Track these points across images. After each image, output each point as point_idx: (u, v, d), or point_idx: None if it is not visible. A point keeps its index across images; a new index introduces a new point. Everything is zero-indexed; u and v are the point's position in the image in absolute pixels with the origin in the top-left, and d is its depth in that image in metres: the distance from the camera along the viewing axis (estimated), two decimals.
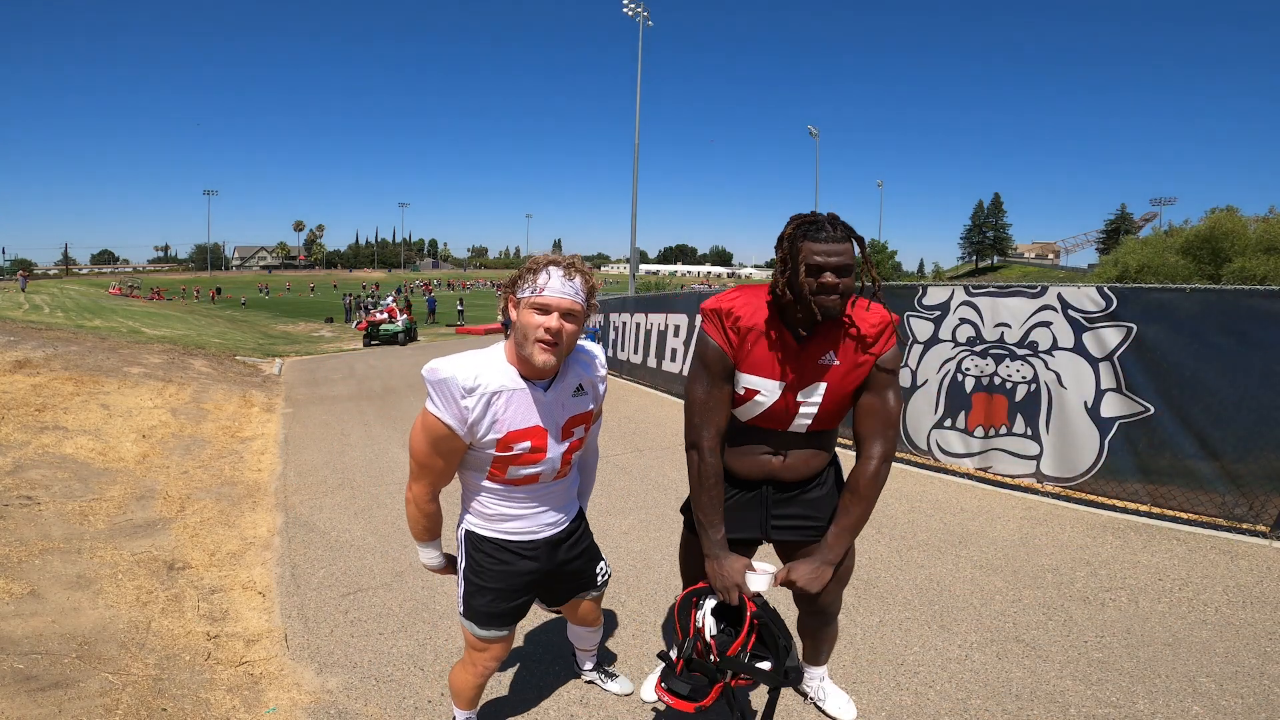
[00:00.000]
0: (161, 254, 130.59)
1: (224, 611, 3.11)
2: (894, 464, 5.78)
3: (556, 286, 1.60)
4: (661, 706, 2.36)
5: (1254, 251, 18.98)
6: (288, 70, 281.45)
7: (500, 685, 2.53)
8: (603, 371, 1.89)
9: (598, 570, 2.09)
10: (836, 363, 1.69)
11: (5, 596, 2.95)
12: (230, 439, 6.55)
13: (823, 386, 1.71)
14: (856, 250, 1.62)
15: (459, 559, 1.92)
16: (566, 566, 1.97)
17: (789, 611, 2.08)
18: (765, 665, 1.70)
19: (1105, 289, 4.69)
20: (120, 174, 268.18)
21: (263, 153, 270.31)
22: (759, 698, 2.41)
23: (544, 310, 1.60)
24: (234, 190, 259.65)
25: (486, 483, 1.79)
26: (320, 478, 5.38)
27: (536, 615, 3.02)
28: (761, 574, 1.74)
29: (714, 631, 1.73)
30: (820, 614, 2.05)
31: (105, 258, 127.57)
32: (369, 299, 31.25)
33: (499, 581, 1.85)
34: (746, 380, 1.74)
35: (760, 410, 1.76)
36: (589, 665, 2.52)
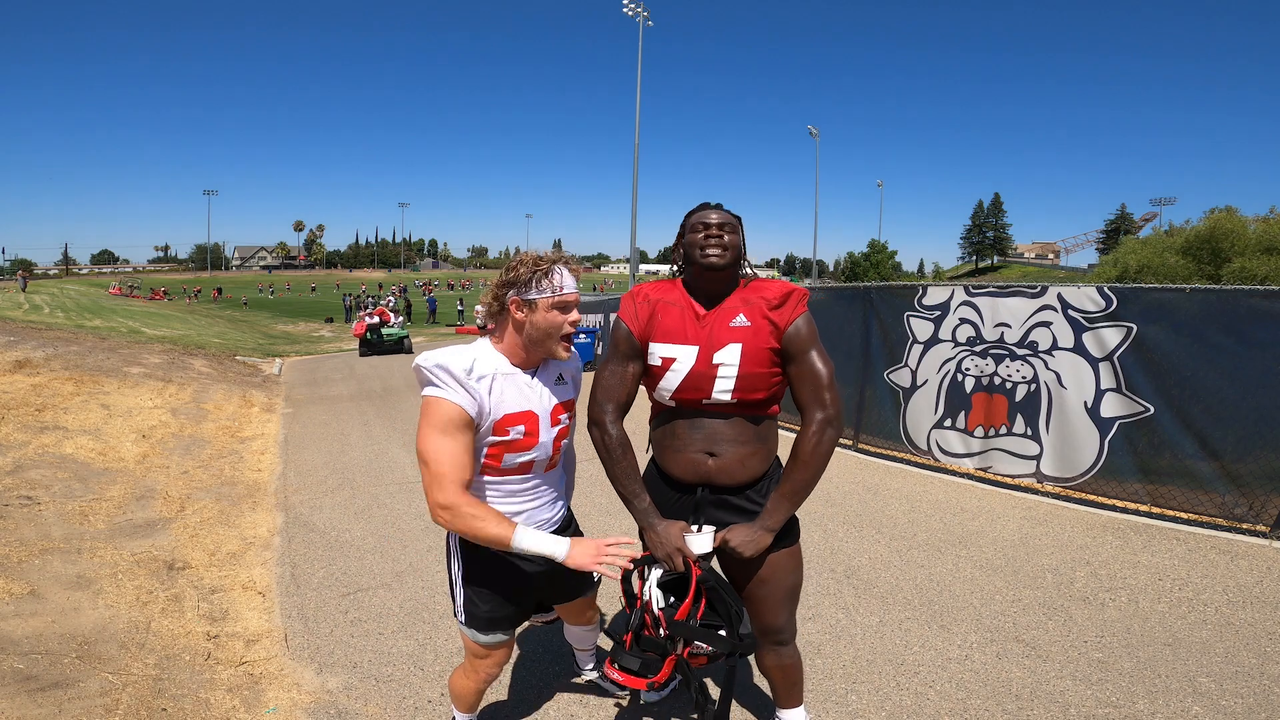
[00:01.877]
0: (161, 254, 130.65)
1: (224, 611, 3.11)
2: (894, 464, 5.87)
3: (570, 284, 1.75)
4: (655, 700, 2.36)
5: (1254, 251, 18.97)
6: (288, 70, 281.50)
7: (500, 686, 2.53)
8: (579, 364, 2.00)
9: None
10: (747, 323, 1.72)
11: (5, 596, 2.95)
12: (230, 439, 6.56)
13: (737, 347, 1.70)
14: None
15: (452, 566, 1.87)
16: (558, 568, 1.83)
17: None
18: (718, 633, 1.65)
19: (1105, 289, 4.70)
20: (120, 174, 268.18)
21: (263, 153, 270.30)
22: (717, 691, 2.41)
23: (566, 308, 1.75)
24: (234, 190, 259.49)
25: (483, 478, 1.78)
26: (320, 478, 5.38)
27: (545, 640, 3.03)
28: (703, 535, 1.70)
29: (661, 604, 1.68)
30: (773, 635, 1.87)
31: (105, 258, 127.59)
32: (369, 299, 31.21)
33: (500, 585, 1.83)
34: (662, 350, 1.75)
35: (680, 378, 1.73)
36: (590, 665, 2.53)
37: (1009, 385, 5.16)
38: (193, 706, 2.35)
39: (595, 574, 2.01)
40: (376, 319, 16.62)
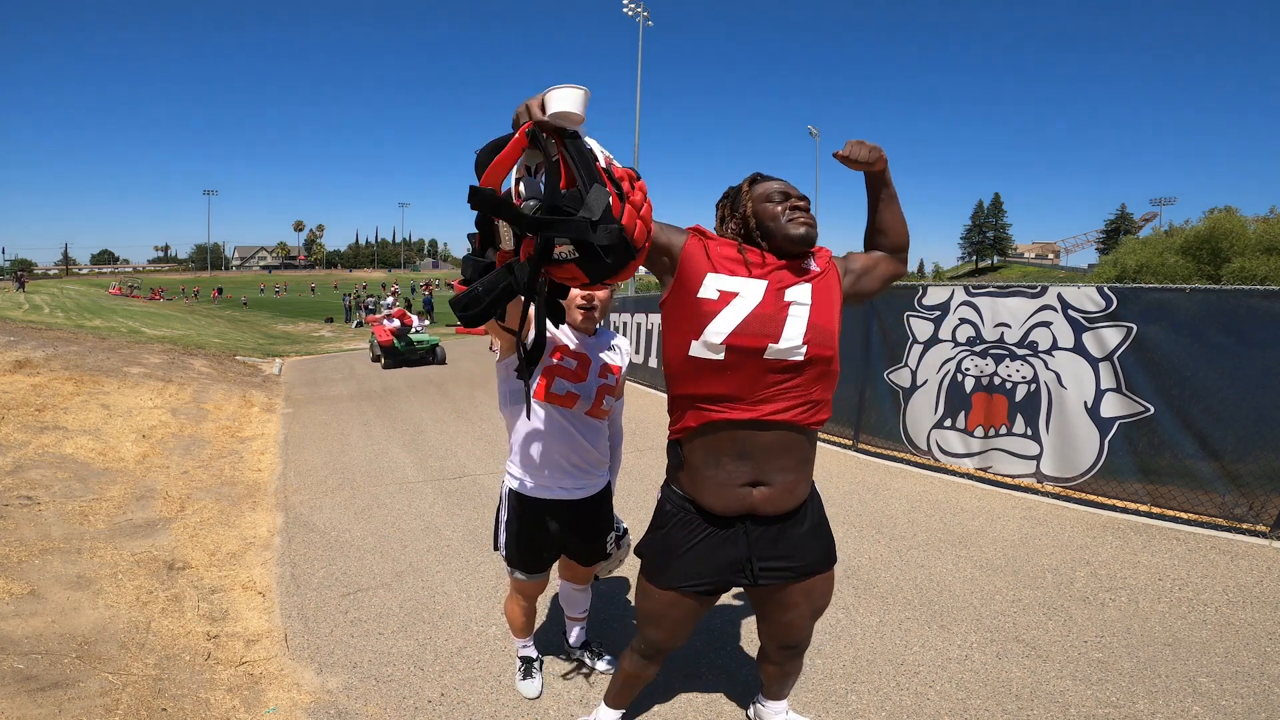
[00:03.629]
0: (161, 254, 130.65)
1: (224, 611, 3.11)
2: (894, 464, 5.88)
3: None
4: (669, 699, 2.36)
5: (1254, 251, 18.98)
6: (288, 70, 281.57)
7: (501, 684, 2.53)
8: (628, 349, 2.33)
9: (607, 540, 2.36)
10: (817, 269, 1.62)
11: (5, 596, 2.95)
12: (230, 439, 6.55)
13: (809, 287, 1.57)
14: None
15: (501, 512, 2.25)
16: (588, 531, 2.26)
17: (751, 642, 2.07)
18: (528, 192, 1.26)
19: (1105, 289, 4.70)
20: (120, 174, 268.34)
21: (263, 153, 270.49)
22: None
23: (588, 294, 2.08)
24: (234, 190, 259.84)
25: (536, 401, 2.08)
26: (320, 478, 5.38)
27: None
28: (568, 88, 1.16)
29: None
30: (791, 649, 1.87)
31: (105, 258, 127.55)
32: (369, 298, 31.15)
33: (535, 536, 2.19)
34: (721, 282, 1.53)
35: (741, 317, 1.49)
36: (578, 640, 2.65)
37: (1009, 385, 5.16)
38: (193, 706, 2.35)
39: (606, 545, 2.35)
40: (397, 322, 13.66)
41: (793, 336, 1.50)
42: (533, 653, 2.55)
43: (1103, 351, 4.67)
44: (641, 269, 1.56)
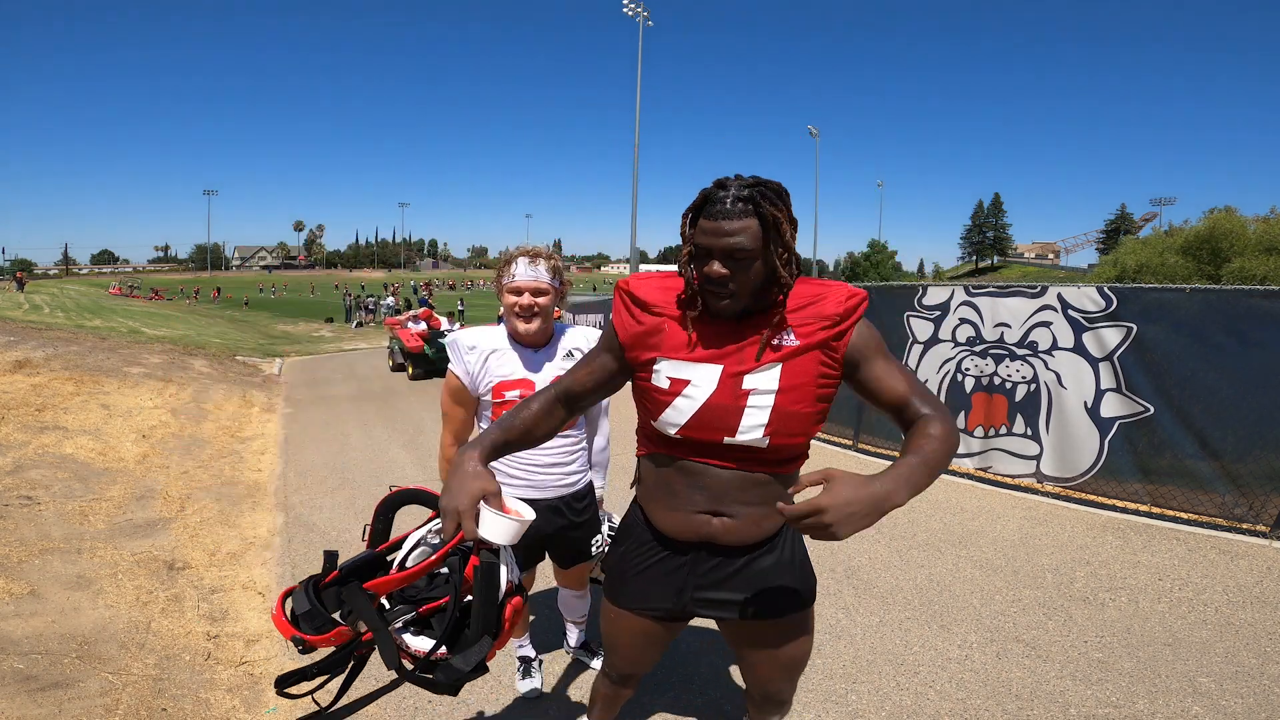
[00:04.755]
0: (161, 254, 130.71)
1: (224, 611, 3.11)
2: None
3: (523, 272, 2.00)
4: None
5: (1254, 251, 18.95)
6: (288, 70, 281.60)
7: (501, 685, 2.53)
8: (594, 337, 2.16)
9: (593, 542, 2.33)
10: (796, 342, 1.26)
11: (5, 596, 2.95)
12: (230, 439, 6.55)
13: (777, 369, 1.26)
14: (766, 225, 1.20)
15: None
16: (567, 533, 2.21)
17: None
18: (419, 641, 1.22)
19: (1105, 289, 4.70)
20: (120, 174, 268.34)
21: (263, 153, 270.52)
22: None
23: (517, 292, 2.00)
24: (234, 190, 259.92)
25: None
26: (320, 478, 5.38)
27: (536, 617, 3.02)
28: (503, 518, 1.14)
29: (406, 558, 1.26)
30: (771, 704, 1.61)
31: (105, 258, 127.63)
32: (369, 298, 31.13)
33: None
34: (671, 369, 1.30)
35: (694, 409, 1.29)
36: (577, 640, 2.66)
37: (1009, 385, 5.16)
38: (193, 706, 2.35)
39: (593, 545, 2.31)
40: (424, 324, 12.19)
41: (751, 429, 1.28)
42: (530, 652, 2.54)
43: (1103, 351, 4.67)
44: (642, 269, 1.51)
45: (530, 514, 1.21)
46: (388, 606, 1.24)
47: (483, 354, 2.04)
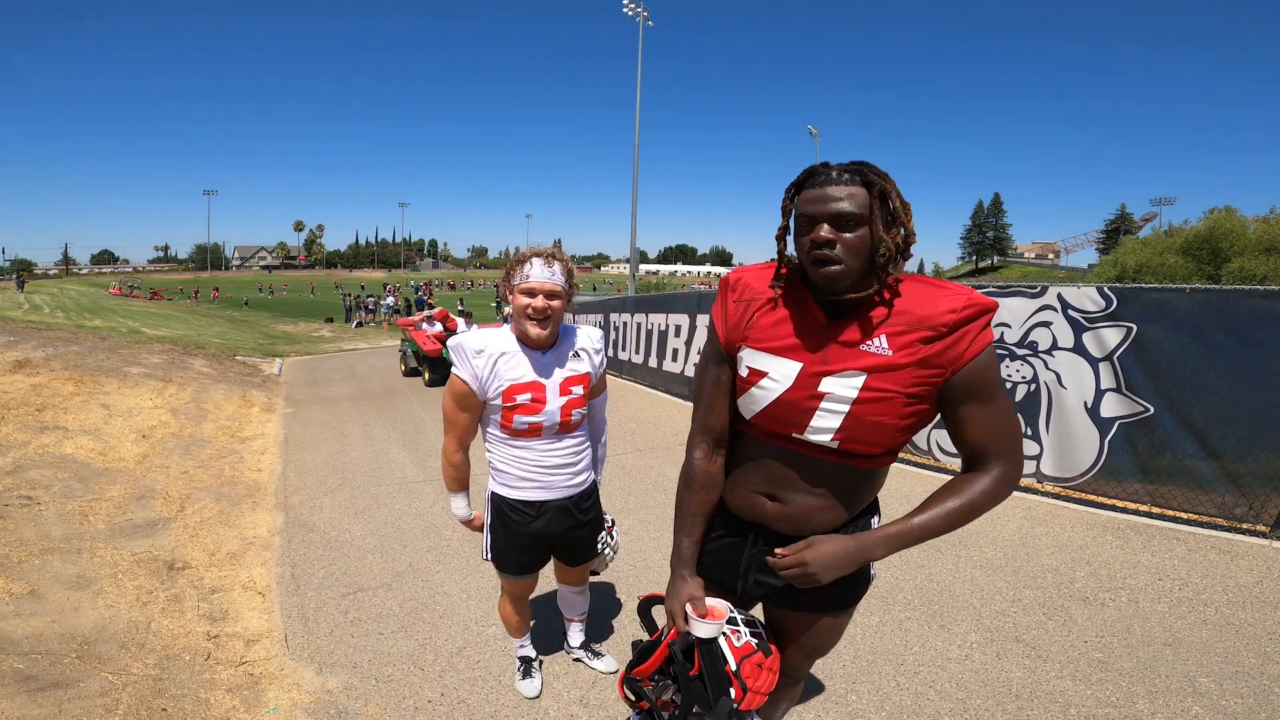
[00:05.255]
0: (161, 254, 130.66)
1: (224, 611, 3.11)
2: (894, 464, 5.83)
3: (538, 273, 1.95)
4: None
5: (1254, 251, 18.95)
6: (288, 70, 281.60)
7: (501, 685, 2.53)
8: (599, 345, 2.20)
9: (599, 540, 2.36)
10: (888, 353, 1.20)
11: (5, 596, 2.95)
12: (230, 439, 6.55)
13: (860, 379, 1.21)
14: (877, 198, 1.18)
15: (486, 515, 2.24)
16: (575, 533, 2.24)
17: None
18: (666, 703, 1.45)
19: (1105, 289, 4.70)
20: (120, 174, 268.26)
21: (263, 153, 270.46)
22: None
23: (531, 294, 1.96)
24: (234, 190, 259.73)
25: (501, 434, 2.10)
26: (320, 478, 5.38)
27: (537, 613, 3.03)
28: (709, 624, 1.39)
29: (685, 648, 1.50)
30: (788, 678, 1.66)
31: (105, 258, 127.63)
32: (369, 298, 31.12)
33: (519, 538, 2.17)
34: (752, 358, 1.31)
35: (768, 401, 1.29)
36: (578, 640, 2.65)
37: (1009, 385, 5.16)
38: (193, 706, 2.35)
39: (599, 544, 2.35)
40: (439, 325, 11.25)
41: (820, 432, 1.26)
42: (531, 652, 2.55)
43: (1103, 351, 4.67)
44: (642, 269, 1.53)
45: (725, 607, 1.45)
46: (661, 680, 1.51)
47: (491, 357, 1.99)
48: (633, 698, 1.53)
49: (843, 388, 1.22)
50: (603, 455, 2.40)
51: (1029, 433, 5.04)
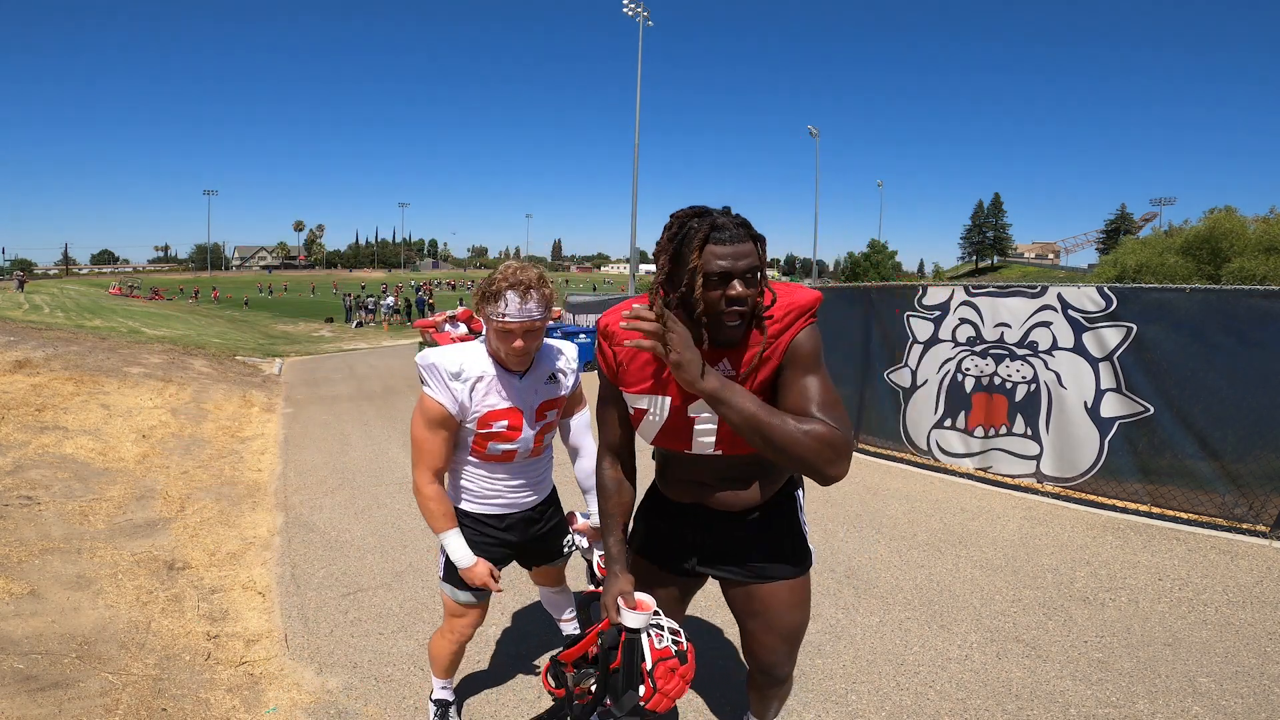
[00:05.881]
0: (161, 254, 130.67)
1: (224, 611, 3.11)
2: (894, 464, 5.87)
3: (514, 312, 1.77)
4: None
5: (1254, 251, 18.93)
6: (288, 70, 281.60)
7: (501, 686, 2.53)
8: (574, 365, 2.09)
9: (564, 543, 2.30)
10: (733, 371, 1.40)
11: (5, 596, 2.95)
12: (230, 439, 6.55)
13: None
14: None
15: None
16: (537, 540, 2.18)
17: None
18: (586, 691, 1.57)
19: (1105, 289, 4.70)
20: (120, 174, 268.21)
21: (263, 153, 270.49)
22: None
23: (508, 334, 1.81)
24: (234, 190, 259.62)
25: (470, 457, 2.00)
26: (320, 478, 5.38)
27: (533, 618, 3.02)
28: (633, 614, 1.51)
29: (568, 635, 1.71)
30: (766, 672, 1.72)
31: (105, 258, 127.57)
32: (369, 298, 31.12)
33: (478, 550, 2.03)
34: (632, 400, 1.53)
35: (655, 430, 1.53)
36: (570, 628, 2.62)
37: (1009, 385, 5.16)
38: (193, 706, 2.35)
39: (564, 546, 2.29)
40: (463, 327, 10.28)
41: (704, 445, 1.49)
42: (450, 696, 2.29)
43: (1103, 351, 4.67)
44: (642, 269, 1.57)
45: (652, 602, 1.55)
46: (585, 669, 1.63)
47: (469, 381, 1.86)
48: (553, 683, 1.63)
49: (707, 411, 1.43)
50: (594, 478, 2.14)
51: (1029, 433, 5.05)
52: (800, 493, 1.70)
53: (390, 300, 26.94)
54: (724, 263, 1.28)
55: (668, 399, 1.47)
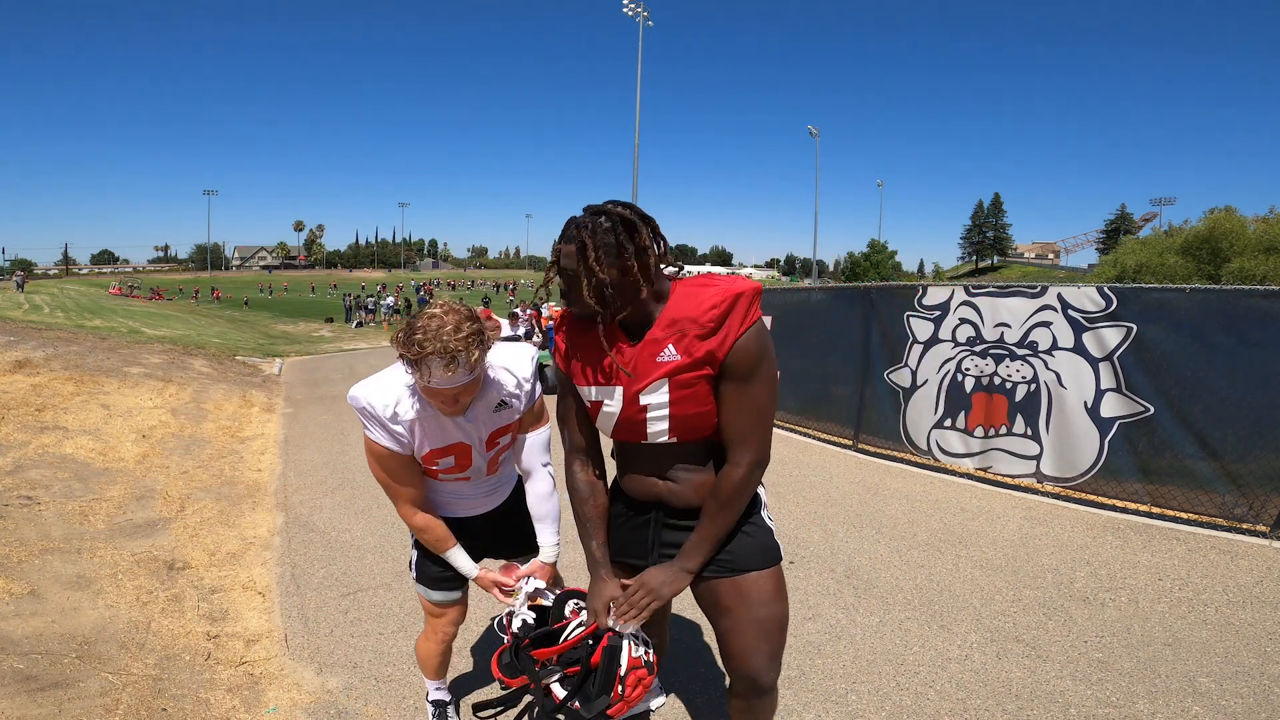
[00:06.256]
0: (161, 254, 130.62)
1: (224, 611, 3.11)
2: (894, 464, 5.87)
3: (439, 380, 1.57)
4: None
5: (1254, 251, 18.95)
6: (287, 70, 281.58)
7: (499, 689, 2.53)
8: (527, 384, 1.86)
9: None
10: (675, 356, 1.42)
11: (5, 596, 2.95)
12: (230, 439, 6.56)
13: (665, 386, 1.45)
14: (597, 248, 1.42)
15: (413, 533, 2.06)
16: (507, 531, 2.13)
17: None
18: (559, 689, 1.57)
19: (1105, 289, 4.70)
20: (120, 174, 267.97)
21: (263, 153, 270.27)
22: None
23: (434, 395, 1.64)
24: (234, 190, 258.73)
25: (426, 478, 1.96)
26: (320, 478, 5.38)
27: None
28: (621, 619, 1.58)
29: (526, 622, 1.76)
30: (746, 680, 1.58)
31: (105, 258, 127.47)
32: (369, 298, 31.14)
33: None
34: (587, 393, 1.57)
35: (613, 422, 1.56)
36: None
37: (1009, 385, 5.16)
38: (193, 706, 2.35)
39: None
40: (519, 329, 9.86)
41: (658, 434, 1.52)
42: (446, 696, 2.27)
43: (1103, 351, 4.67)
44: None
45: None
46: (551, 664, 1.64)
47: (404, 423, 1.73)
48: (509, 674, 1.64)
49: (656, 397, 1.46)
50: (553, 509, 2.00)
51: (1029, 433, 5.05)
52: (761, 490, 1.66)
53: (390, 300, 26.95)
54: (557, 252, 1.49)
55: (619, 388, 1.51)
